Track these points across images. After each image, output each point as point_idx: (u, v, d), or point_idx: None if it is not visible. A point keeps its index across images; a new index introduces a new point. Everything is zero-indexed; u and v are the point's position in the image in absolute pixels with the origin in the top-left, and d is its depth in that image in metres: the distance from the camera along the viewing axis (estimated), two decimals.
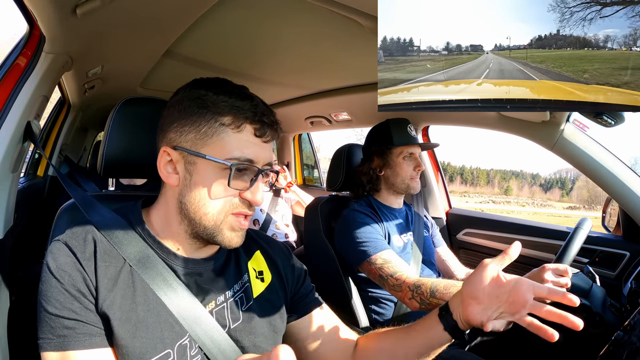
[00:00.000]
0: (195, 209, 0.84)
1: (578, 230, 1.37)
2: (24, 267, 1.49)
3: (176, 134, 0.84)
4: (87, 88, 2.44)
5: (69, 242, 0.82)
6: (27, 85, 1.24)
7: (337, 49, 1.75)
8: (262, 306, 0.97)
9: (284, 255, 1.09)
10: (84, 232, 0.85)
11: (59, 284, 0.77)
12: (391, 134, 1.80)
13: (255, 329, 0.93)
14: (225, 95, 0.84)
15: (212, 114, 0.82)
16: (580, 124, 1.50)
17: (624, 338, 1.10)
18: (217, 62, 2.06)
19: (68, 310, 0.77)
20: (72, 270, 0.78)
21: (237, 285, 0.95)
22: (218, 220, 0.85)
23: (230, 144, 0.83)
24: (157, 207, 0.92)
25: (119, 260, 0.84)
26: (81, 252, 0.81)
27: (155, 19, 1.44)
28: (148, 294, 0.84)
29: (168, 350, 0.82)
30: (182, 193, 0.85)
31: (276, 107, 3.09)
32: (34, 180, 3.14)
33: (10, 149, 1.16)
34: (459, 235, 2.54)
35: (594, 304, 1.28)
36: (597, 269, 1.76)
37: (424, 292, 1.40)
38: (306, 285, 1.10)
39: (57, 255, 0.80)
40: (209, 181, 0.83)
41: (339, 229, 1.78)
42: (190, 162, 0.84)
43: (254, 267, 1.01)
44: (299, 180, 4.06)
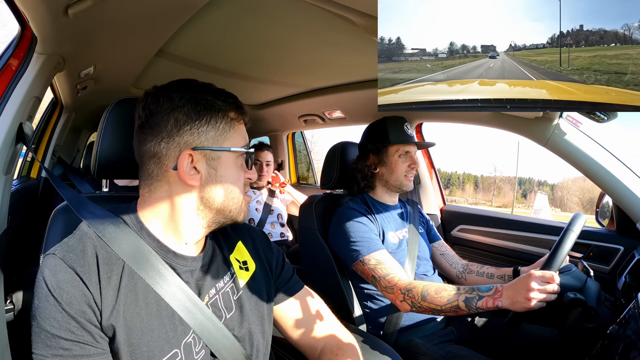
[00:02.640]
0: (222, 198, 0.91)
1: (572, 226, 1.37)
2: (18, 270, 1.47)
3: (192, 136, 0.87)
4: (79, 89, 2.42)
5: (66, 257, 0.80)
6: (19, 87, 1.23)
7: (330, 47, 1.75)
8: (251, 294, 1.01)
9: (264, 242, 1.15)
10: (81, 244, 0.83)
11: (56, 303, 0.76)
12: (388, 131, 1.80)
13: (247, 316, 0.97)
14: (222, 95, 0.92)
15: (223, 111, 0.90)
16: (574, 120, 1.51)
17: (618, 332, 1.11)
18: (210, 62, 2.05)
19: (66, 330, 0.76)
20: (70, 288, 0.77)
21: (226, 277, 0.99)
22: (239, 200, 0.94)
23: (239, 134, 0.94)
24: (154, 209, 0.91)
25: (118, 265, 0.84)
26: (81, 267, 0.80)
27: (148, 19, 1.43)
28: (149, 296, 0.84)
29: (175, 350, 0.84)
30: (206, 189, 0.90)
31: (269, 105, 3.08)
32: (27, 182, 3.11)
33: (2, 151, 1.15)
34: (453, 232, 2.55)
35: (588, 299, 1.29)
36: (591, 263, 1.78)
37: (415, 295, 1.42)
38: (287, 268, 1.16)
39: (54, 272, 0.78)
40: (232, 171, 0.92)
41: (334, 226, 1.79)
42: (213, 157, 0.90)
43: (237, 258, 1.04)
44: (292, 179, 4.06)
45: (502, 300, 1.27)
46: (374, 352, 1.32)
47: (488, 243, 2.33)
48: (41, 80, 1.37)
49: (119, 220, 0.89)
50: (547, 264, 1.34)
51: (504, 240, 2.25)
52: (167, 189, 0.89)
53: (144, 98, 0.90)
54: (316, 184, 3.98)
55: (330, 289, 1.78)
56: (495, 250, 2.30)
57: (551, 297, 1.22)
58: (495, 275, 1.78)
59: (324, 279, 1.82)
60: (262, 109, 3.18)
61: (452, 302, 1.34)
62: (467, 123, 2.10)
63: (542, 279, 1.22)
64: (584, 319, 1.30)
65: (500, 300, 1.27)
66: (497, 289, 1.30)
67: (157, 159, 0.88)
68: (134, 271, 0.84)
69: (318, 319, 1.13)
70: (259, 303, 1.02)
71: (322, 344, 1.11)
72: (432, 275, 1.85)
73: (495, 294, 1.29)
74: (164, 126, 0.87)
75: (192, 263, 0.93)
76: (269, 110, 3.16)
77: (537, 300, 1.21)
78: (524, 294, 1.22)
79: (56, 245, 0.85)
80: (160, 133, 0.87)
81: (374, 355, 1.30)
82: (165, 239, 0.90)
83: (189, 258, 0.92)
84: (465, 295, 1.33)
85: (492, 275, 1.79)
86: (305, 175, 4.23)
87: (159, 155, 0.88)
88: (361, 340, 1.36)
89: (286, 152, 3.95)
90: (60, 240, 0.86)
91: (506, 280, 1.73)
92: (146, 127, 0.88)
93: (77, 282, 0.78)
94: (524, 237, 2.14)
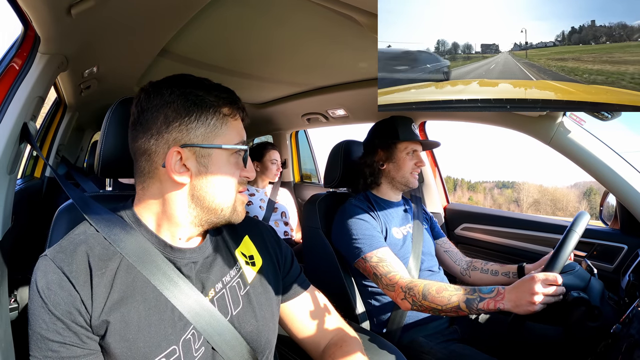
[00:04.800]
0: (213, 197, 0.89)
1: (575, 226, 1.37)
2: (22, 269, 1.48)
3: (181, 133, 0.86)
4: (83, 88, 2.43)
5: (56, 257, 0.81)
6: (22, 87, 1.24)
7: (333, 46, 1.75)
8: (258, 290, 1.00)
9: (272, 237, 1.14)
10: (73, 244, 0.84)
11: (44, 304, 0.77)
12: (397, 129, 1.82)
13: (255, 312, 0.96)
14: (215, 90, 0.90)
15: (215, 107, 0.88)
16: (577, 118, 1.51)
17: (622, 331, 1.10)
18: (213, 61, 2.05)
19: (53, 332, 0.77)
20: (57, 289, 0.78)
21: (232, 271, 0.98)
22: (232, 200, 0.92)
23: (233, 131, 0.91)
24: (148, 205, 0.91)
25: (114, 261, 0.84)
26: (68, 266, 0.80)
27: (150, 18, 1.43)
28: (147, 291, 0.84)
29: (173, 346, 0.83)
30: (197, 186, 0.88)
31: (272, 104, 3.08)
32: (31, 182, 3.12)
33: (6, 151, 1.16)
34: (457, 230, 2.55)
35: (592, 298, 1.28)
36: (595, 262, 1.77)
37: (416, 294, 1.42)
38: (295, 266, 1.15)
39: (43, 273, 0.79)
40: (224, 168, 0.90)
41: (336, 224, 1.79)
42: (203, 155, 0.87)
43: (243, 252, 1.03)
44: (296, 178, 4.05)
45: (504, 302, 1.26)
46: (378, 350, 1.32)
47: (492, 242, 2.33)
48: (44, 80, 1.37)
49: (123, 220, 0.90)
50: (550, 264, 1.33)
51: (507, 238, 2.25)
52: (159, 186, 0.89)
53: (138, 94, 0.91)
54: (320, 183, 3.98)
55: (334, 286, 1.78)
56: (499, 248, 2.29)
57: (555, 299, 1.22)
58: (500, 272, 1.77)
59: (327, 276, 1.82)
60: (265, 107, 3.18)
61: (453, 302, 1.34)
62: (471, 121, 2.10)
63: (546, 281, 1.22)
64: (587, 318, 1.29)
65: (502, 302, 1.26)
66: (499, 290, 1.29)
67: (148, 156, 0.88)
68: (133, 267, 0.84)
69: (323, 317, 1.12)
70: (267, 299, 1.01)
71: (325, 341, 1.11)
72: (438, 271, 1.85)
73: (497, 295, 1.28)
74: (154, 123, 0.86)
75: (191, 255, 0.92)
76: (273, 109, 3.16)
77: (540, 303, 1.20)
78: (528, 298, 1.21)
79: (52, 246, 0.85)
80: (150, 130, 0.86)
81: (378, 353, 1.30)
82: (162, 232, 0.91)
83: (187, 250, 0.92)
84: (466, 296, 1.33)
85: (496, 272, 1.78)
86: (309, 174, 4.22)
87: (149, 152, 0.87)
88: (365, 338, 1.36)
89: (289, 150, 3.95)
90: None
91: (510, 277, 1.72)
92: (138, 124, 0.88)
93: (65, 282, 0.78)
94: (528, 235, 2.14)
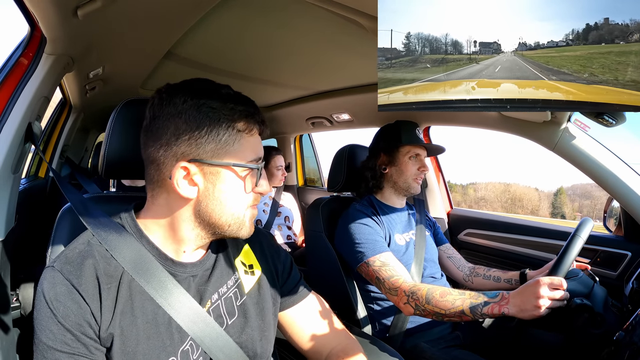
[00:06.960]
0: (219, 215, 0.86)
1: (579, 231, 1.36)
2: (25, 269, 1.49)
3: (190, 147, 0.81)
4: (88, 89, 2.44)
5: (63, 269, 0.80)
6: (28, 87, 1.24)
7: (338, 50, 1.76)
8: (256, 300, 0.99)
9: (272, 245, 1.12)
10: (80, 257, 0.82)
11: (53, 316, 0.77)
12: (400, 133, 1.82)
13: (250, 322, 0.95)
14: (231, 102, 0.83)
15: (228, 122, 0.83)
16: (582, 124, 1.50)
17: (625, 338, 1.10)
18: (217, 64, 2.06)
19: (61, 342, 0.77)
20: (67, 301, 0.78)
21: (230, 282, 0.97)
22: (241, 216, 0.88)
23: (247, 147, 0.85)
24: (154, 215, 0.90)
25: (116, 275, 0.83)
26: (77, 278, 0.79)
27: (156, 20, 1.44)
28: (145, 304, 0.84)
29: (172, 358, 0.83)
30: (203, 203, 0.85)
31: (277, 108, 3.09)
32: (35, 182, 3.14)
33: (11, 150, 1.16)
34: (460, 236, 2.54)
35: (595, 305, 1.28)
36: (598, 269, 1.76)
37: (419, 298, 1.40)
38: (294, 274, 1.13)
39: (52, 284, 0.79)
40: (233, 186, 0.85)
41: (340, 228, 1.79)
42: (211, 172, 0.83)
43: (243, 261, 1.02)
44: (300, 182, 4.06)
45: (508, 307, 1.24)
46: (381, 355, 1.31)
47: (495, 247, 2.32)
48: (50, 80, 1.38)
49: (121, 227, 0.88)
50: (554, 269, 1.33)
51: (510, 244, 2.24)
52: (166, 197, 0.87)
53: (153, 97, 0.86)
54: (323, 187, 3.98)
55: (336, 290, 1.78)
56: (502, 254, 2.28)
57: (560, 304, 1.21)
58: (502, 279, 1.76)
59: (329, 281, 1.82)
60: (269, 111, 3.18)
61: (457, 306, 1.33)
62: (475, 127, 2.09)
63: (551, 285, 1.20)
64: (590, 325, 1.28)
65: (507, 307, 1.25)
66: (504, 295, 1.28)
67: (157, 166, 0.85)
68: (132, 279, 0.83)
69: (324, 325, 1.11)
70: (264, 309, 1.00)
71: (327, 349, 1.09)
72: (440, 278, 1.84)
73: (501, 300, 1.27)
74: (164, 133, 0.82)
75: (191, 269, 0.91)
76: (277, 113, 3.17)
77: (546, 308, 1.19)
78: (534, 302, 1.19)
79: (57, 255, 0.85)
80: (160, 139, 0.82)
81: (379, 358, 1.30)
82: (164, 246, 0.89)
83: (188, 265, 0.91)
84: (470, 300, 1.31)
85: (498, 279, 1.77)
86: (313, 177, 4.22)
87: (157, 162, 0.84)
88: (368, 343, 1.36)
89: (293, 154, 3.95)
90: (66, 240, 0.87)
91: (513, 284, 1.71)
92: (149, 131, 0.85)
93: (74, 294, 0.78)
94: (531, 241, 2.13)
